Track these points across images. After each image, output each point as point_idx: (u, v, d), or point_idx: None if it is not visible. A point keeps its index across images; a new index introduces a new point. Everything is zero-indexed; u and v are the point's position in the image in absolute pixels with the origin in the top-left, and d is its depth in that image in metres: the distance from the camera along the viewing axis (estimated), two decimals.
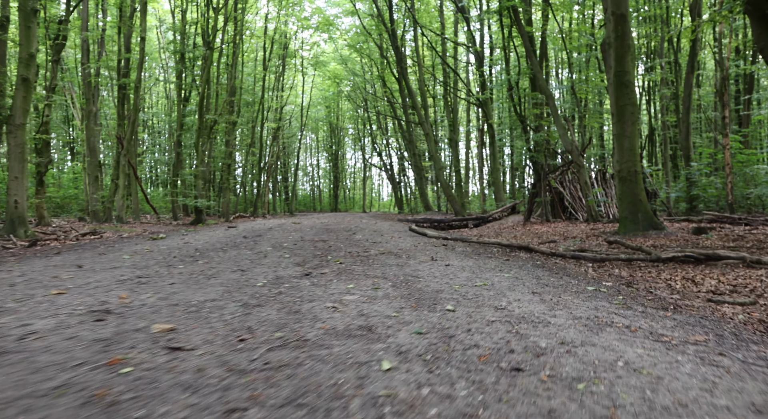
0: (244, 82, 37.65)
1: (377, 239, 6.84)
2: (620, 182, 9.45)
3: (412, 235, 7.79)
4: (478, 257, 5.43)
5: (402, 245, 6.28)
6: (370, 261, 5.08)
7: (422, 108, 23.46)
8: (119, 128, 20.41)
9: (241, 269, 4.71)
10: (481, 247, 6.87)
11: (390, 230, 9.05)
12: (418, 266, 4.74)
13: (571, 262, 5.71)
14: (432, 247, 6.31)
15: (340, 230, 9.18)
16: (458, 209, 22.16)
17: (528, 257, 5.93)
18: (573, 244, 7.93)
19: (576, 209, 15.90)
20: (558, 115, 13.96)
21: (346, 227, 10.36)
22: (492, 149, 20.14)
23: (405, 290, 3.76)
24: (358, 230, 9.00)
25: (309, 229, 9.17)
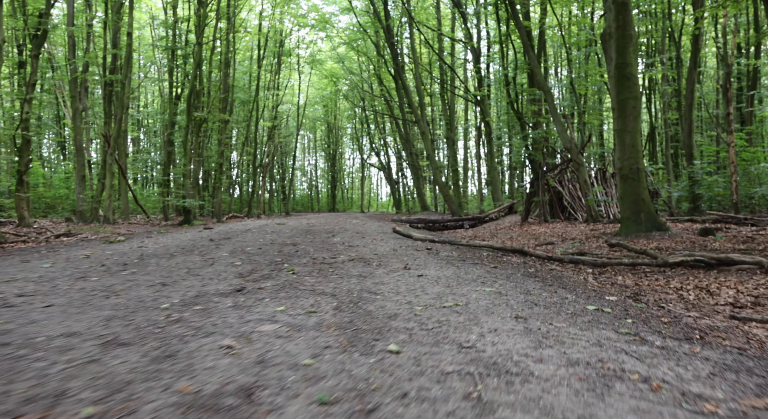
0: (239, 80, 37.16)
1: (356, 242, 6.34)
2: (622, 181, 8.94)
3: (396, 237, 7.28)
4: (462, 264, 4.75)
5: (380, 250, 5.66)
6: (330, 271, 4.34)
7: (418, 106, 22.95)
8: (106, 126, 19.87)
9: (164, 282, 3.93)
10: (469, 251, 6.25)
11: (375, 232, 8.52)
12: (384, 278, 4.01)
13: (569, 268, 5.20)
14: (413, 251, 5.65)
15: (321, 231, 8.64)
16: (455, 209, 21.65)
17: (520, 262, 5.35)
18: (572, 246, 7.41)
19: (575, 209, 15.39)
20: (556, 111, 13.45)
21: (330, 228, 9.82)
22: (489, 148, 19.61)
23: (349, 314, 2.96)
24: (341, 232, 8.45)
25: (288, 230, 8.63)
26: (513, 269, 4.67)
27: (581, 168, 13.09)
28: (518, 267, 4.84)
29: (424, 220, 15.81)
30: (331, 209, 56.43)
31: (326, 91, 48.27)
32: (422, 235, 6.87)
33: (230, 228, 9.36)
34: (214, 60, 29.26)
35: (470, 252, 6.12)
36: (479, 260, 5.18)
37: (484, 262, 5.07)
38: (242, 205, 40.20)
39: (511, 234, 11.08)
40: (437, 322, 2.80)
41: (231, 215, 30.16)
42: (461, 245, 6.70)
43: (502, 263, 5.10)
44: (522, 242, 9.02)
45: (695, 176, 15.10)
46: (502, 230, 13.01)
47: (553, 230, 11.59)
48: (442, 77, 25.30)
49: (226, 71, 26.94)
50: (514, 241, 9.53)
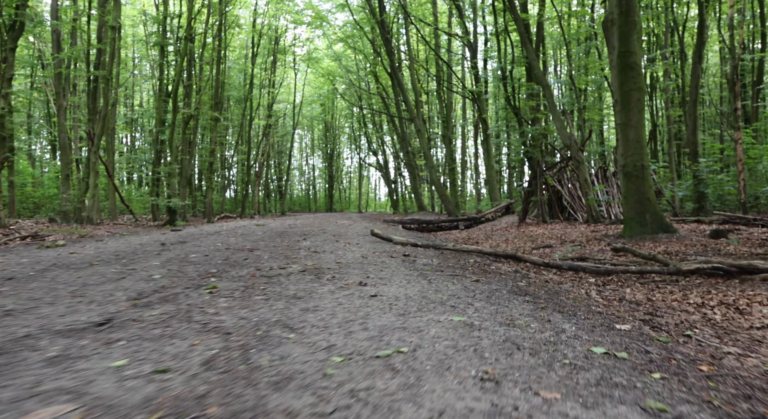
0: (232, 77, 36.52)
1: (325, 247, 5.62)
2: (625, 179, 8.31)
3: (375, 241, 6.62)
4: (437, 276, 3.87)
5: (346, 257, 4.76)
6: (262, 289, 3.35)
7: (414, 103, 22.32)
8: (90, 124, 19.23)
9: (13, 308, 2.83)
10: (453, 257, 5.41)
11: (355, 235, 7.86)
12: (324, 300, 3.03)
13: (569, 277, 4.55)
14: (386, 259, 4.75)
15: (296, 234, 7.99)
16: (451, 209, 21.02)
17: (511, 271, 4.62)
18: (571, 250, 6.78)
19: (575, 209, 14.76)
20: (555, 107, 12.81)
21: (308, 230, 9.16)
22: (486, 145, 19.00)
23: (218, 374, 1.89)
24: (317, 235, 7.79)
25: (261, 233, 7.97)
26: (500, 282, 3.83)
27: (581, 166, 12.46)
28: (507, 279, 4.04)
29: (418, 220, 15.18)
30: (329, 209, 55.81)
31: (323, 90, 47.64)
32: (403, 238, 6.21)
33: (202, 230, 8.72)
34: (205, 56, 28.63)
35: (454, 259, 5.34)
36: (461, 270, 4.36)
37: (467, 273, 4.22)
38: (236, 205, 39.57)
39: (507, 236, 10.44)
40: (350, 395, 1.68)
41: (223, 215, 29.50)
42: (446, 250, 6.02)
43: (488, 274, 4.29)
44: (517, 245, 8.38)
45: (700, 175, 14.47)
46: (498, 231, 12.37)
47: (552, 231, 10.96)
48: (438, 74, 24.67)
49: (218, 68, 26.27)
50: (510, 243, 8.90)
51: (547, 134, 14.12)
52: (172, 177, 18.08)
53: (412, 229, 14.93)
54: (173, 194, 17.69)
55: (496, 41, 15.44)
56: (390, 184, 43.05)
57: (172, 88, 18.31)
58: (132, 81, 41.04)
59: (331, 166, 56.60)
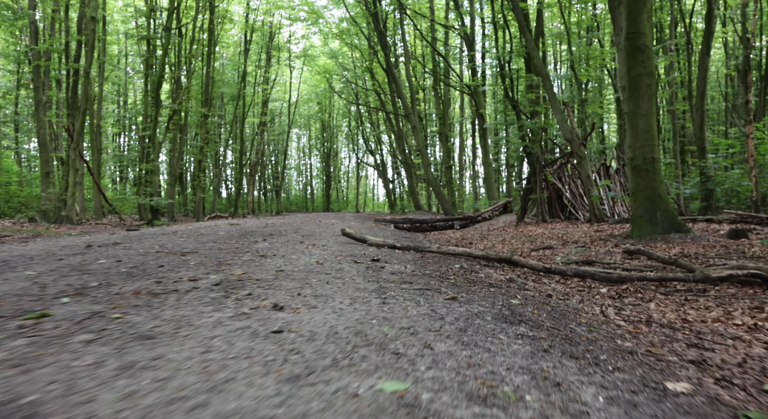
0: (226, 75, 35.71)
1: (280, 250, 4.60)
2: (634, 173, 7.53)
3: (348, 242, 5.79)
4: (401, 291, 2.87)
5: (295, 264, 3.75)
6: (115, 317, 2.13)
7: (409, 99, 21.54)
8: (69, 119, 18.44)
9: None
10: (435, 262, 4.44)
11: (329, 235, 7.05)
12: (185, 343, 1.77)
13: (575, 286, 3.78)
14: (346, 265, 3.79)
15: (261, 234, 7.13)
16: (448, 208, 20.26)
17: (504, 280, 3.72)
18: (575, 252, 5.99)
19: (576, 208, 13.99)
20: (555, 98, 12.04)
21: (280, 230, 8.30)
22: (483, 142, 18.22)
23: None
24: (283, 235, 6.93)
25: (223, 233, 7.15)
26: (486, 299, 2.82)
27: (584, 162, 11.69)
28: (496, 294, 3.03)
29: (411, 220, 14.40)
30: (326, 209, 55.07)
31: (319, 88, 46.88)
32: (379, 239, 5.40)
33: (164, 230, 7.92)
34: (194, 51, 27.83)
35: (435, 264, 4.36)
36: (439, 281, 3.36)
37: (444, 285, 3.20)
38: (231, 204, 38.78)
39: (504, 236, 9.67)
40: None
41: (214, 214, 28.70)
42: (427, 253, 5.08)
43: (473, 285, 3.33)
44: (514, 246, 7.60)
45: (708, 172, 13.72)
46: (495, 231, 11.60)
47: (552, 231, 10.19)
48: (434, 69, 23.87)
49: (209, 64, 25.49)
50: (506, 244, 8.12)
51: (547, 127, 13.34)
52: (154, 175, 17.29)
53: (404, 229, 14.15)
54: (156, 192, 16.88)
55: (494, 31, 14.68)
56: (387, 184, 42.31)
57: (155, 82, 17.51)
58: (125, 79, 40.23)
59: (329, 165, 55.83)
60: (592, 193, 11.61)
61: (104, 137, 37.67)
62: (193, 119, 30.52)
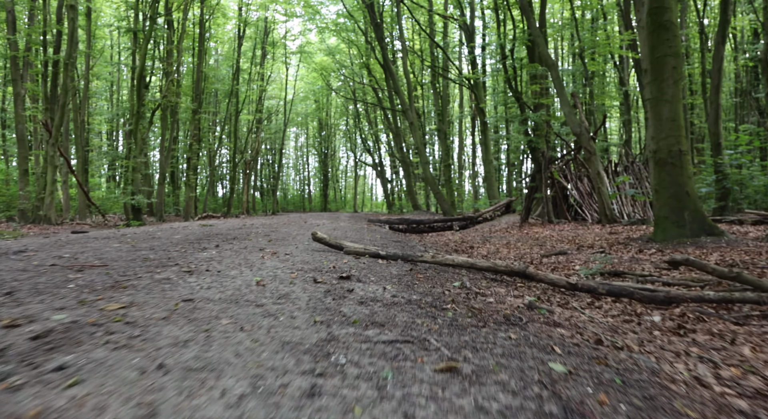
0: (221, 71, 34.77)
1: (224, 262, 3.49)
2: (657, 168, 6.62)
3: (320, 249, 4.79)
4: (365, 350, 1.75)
5: (229, 286, 2.78)
6: None
7: (406, 94, 20.62)
8: (47, 113, 17.51)
9: None
10: (427, 279, 3.43)
11: (304, 240, 6.11)
12: None
13: (611, 307, 2.88)
14: (298, 288, 2.80)
15: (223, 238, 6.14)
16: (447, 208, 19.36)
17: (522, 308, 2.69)
18: (597, 260, 5.08)
19: (584, 208, 13.09)
20: (563, 89, 11.13)
21: (249, 232, 7.30)
22: (484, 138, 17.30)
23: None
24: (246, 239, 5.88)
25: (181, 237, 6.17)
26: (508, 357, 1.77)
27: (593, 157, 10.78)
28: (521, 341, 1.98)
29: (407, 220, 13.48)
30: (323, 208, 54.21)
31: (317, 86, 45.99)
32: (359, 246, 4.40)
33: (119, 232, 6.97)
34: (184, 45, 26.90)
35: (428, 281, 3.35)
36: (432, 315, 2.34)
37: (437, 324, 2.17)
38: (224, 203, 37.83)
39: (508, 238, 8.75)
40: None
41: (205, 214, 27.77)
42: (421, 263, 4.06)
43: (482, 322, 2.28)
44: (522, 251, 6.68)
45: (724, 169, 12.82)
46: (498, 232, 10.69)
47: (561, 233, 9.28)
48: (433, 62, 22.93)
49: (200, 58, 24.57)
50: (512, 248, 7.21)
51: (552, 121, 12.42)
52: (136, 172, 16.35)
53: (399, 230, 13.24)
54: (138, 190, 15.96)
55: (496, 18, 13.73)
56: (386, 183, 41.42)
57: (137, 74, 16.58)
58: (119, 76, 39.26)
59: (326, 165, 54.92)
60: (602, 191, 10.71)
61: (94, 135, 36.75)
62: (184, 116, 29.57)
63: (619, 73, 15.65)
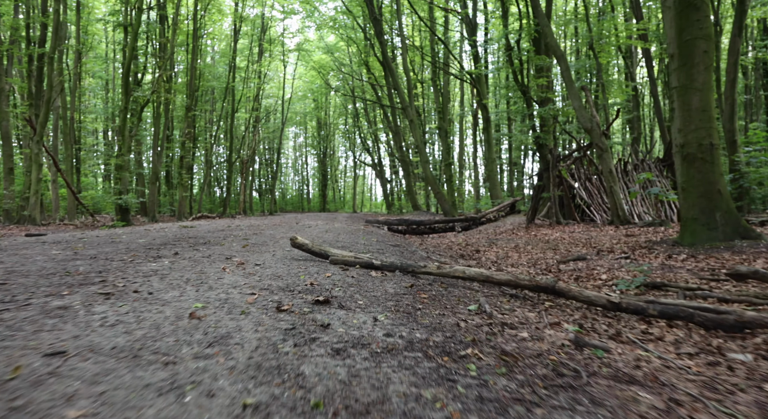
0: (215, 68, 34.09)
1: (171, 278, 2.96)
2: (685, 163, 5.95)
3: (304, 258, 4.04)
4: None
5: (146, 322, 1.96)
6: None
7: (406, 91, 19.95)
8: (31, 110, 16.83)
9: None
10: (433, 301, 2.72)
11: (283, 247, 5.38)
12: None
13: (673, 339, 2.22)
14: (255, 322, 2.03)
15: (192, 241, 5.55)
16: (447, 208, 18.69)
17: (569, 347, 1.95)
18: (629, 268, 4.41)
19: (592, 208, 12.43)
20: (572, 82, 10.47)
21: (226, 236, 6.56)
22: (486, 135, 16.60)
23: None
24: (219, 244, 5.31)
25: (145, 241, 5.43)
26: None
27: (605, 154, 10.12)
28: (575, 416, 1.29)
29: (407, 221, 12.82)
30: (322, 209, 53.53)
31: (315, 85, 45.31)
32: (349, 254, 3.63)
33: (84, 235, 6.31)
34: (177, 40, 26.23)
35: (434, 304, 2.63)
36: (445, 366, 1.61)
37: (459, 382, 1.49)
38: (220, 204, 37.12)
39: (516, 241, 8.08)
40: None
41: (200, 214, 27.08)
42: (424, 275, 3.37)
43: (512, 373, 1.61)
44: (534, 256, 6.01)
45: (741, 168, 12.16)
46: (503, 234, 10.02)
47: (572, 235, 8.61)
48: (433, 58, 22.22)
49: (194, 54, 23.88)
50: (522, 252, 6.54)
51: (559, 116, 11.75)
52: (123, 170, 15.66)
53: (399, 231, 12.58)
54: (124, 190, 15.27)
55: (501, 7, 13.03)
56: (385, 183, 40.76)
57: (124, 68, 15.90)
58: (114, 75, 38.57)
59: (325, 164, 54.23)
60: (615, 190, 10.05)
61: (88, 134, 36.03)
62: (180, 113, 28.88)
63: (627, 67, 14.96)
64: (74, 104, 23.59)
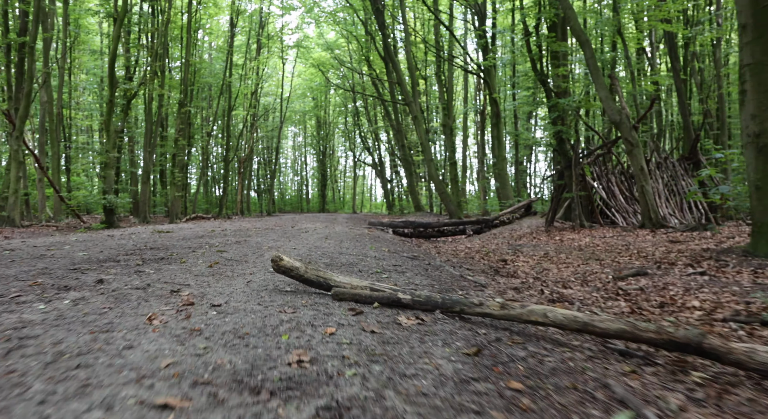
0: (212, 65, 33.06)
1: (61, 346, 1.66)
2: (761, 157, 4.92)
3: (290, 292, 2.94)
4: None
5: None
6: None
7: (410, 85, 18.92)
8: (10, 103, 15.79)
9: None
10: (533, 392, 1.46)
11: (268, 264, 4.16)
12: None
13: None
14: None
15: (149, 253, 4.41)
16: (453, 209, 17.67)
17: None
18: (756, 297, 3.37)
19: (617, 210, 11.41)
20: (598, 70, 9.45)
21: (200, 244, 5.50)
22: (496, 131, 15.56)
23: None
24: (183, 258, 4.18)
25: (84, 253, 4.47)
26: None
27: (636, 150, 9.09)
28: None
29: (413, 223, 11.78)
30: (321, 209, 52.48)
31: (314, 83, 44.28)
32: (361, 283, 2.47)
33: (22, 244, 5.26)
34: (175, 34, 25.23)
35: (536, 400, 1.41)
36: None
37: None
38: (214, 204, 36.07)
39: (545, 248, 7.03)
40: None
41: (194, 215, 26.05)
42: (476, 317, 2.29)
43: None
44: (576, 269, 4.97)
45: None
46: (524, 239, 8.98)
47: (605, 240, 7.57)
48: (438, 51, 21.14)
49: (188, 48, 22.85)
50: (559, 264, 5.50)
51: (581, 107, 10.72)
52: (109, 168, 14.60)
53: (405, 235, 11.55)
54: (109, 189, 14.22)
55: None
56: (386, 183, 39.73)
57: (110, 57, 14.85)
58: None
59: (324, 164, 53.18)
60: (646, 190, 9.02)
61: (81, 132, 34.97)
62: (173, 111, 27.82)
63: (647, 57, 13.83)
64: (61, 99, 22.53)
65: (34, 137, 24.96)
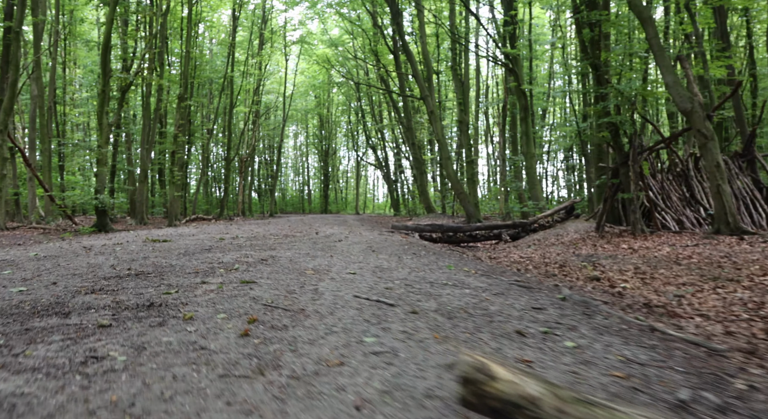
0: (213, 61, 31.78)
1: None
2: None
3: None
4: None
5: None
6: None
7: (425, 78, 17.63)
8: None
9: None
10: None
11: (331, 306, 2.65)
12: None
13: None
14: None
15: (114, 293, 3.06)
16: (471, 210, 16.38)
17: None
18: None
19: (664, 212, 10.12)
20: (663, 51, 8.16)
21: (210, 263, 4.13)
22: (525, 127, 14.25)
23: None
24: (184, 300, 2.75)
25: None
26: None
27: (710, 143, 7.81)
28: None
29: (440, 227, 10.48)
30: (323, 210, 51.18)
31: (317, 80, 43.02)
32: None
33: None
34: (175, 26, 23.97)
35: None
36: None
37: None
38: (215, 205, 34.76)
39: (628, 261, 5.72)
40: None
41: (195, 216, 24.76)
42: None
43: None
44: (725, 297, 3.66)
45: None
46: (582, 246, 7.66)
47: (694, 251, 6.26)
48: (453, 43, 19.81)
49: (188, 41, 21.58)
50: (664, 282, 4.20)
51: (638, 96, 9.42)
52: (101, 165, 13.28)
53: (431, 239, 10.25)
54: (101, 188, 12.91)
55: None
56: (390, 183, 38.39)
57: (102, 44, 13.53)
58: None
59: (327, 164, 51.84)
60: (723, 190, 7.74)
61: (78, 129, 33.66)
62: (172, 107, 26.52)
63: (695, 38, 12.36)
64: (54, 94, 21.24)
65: (24, 132, 23.60)
